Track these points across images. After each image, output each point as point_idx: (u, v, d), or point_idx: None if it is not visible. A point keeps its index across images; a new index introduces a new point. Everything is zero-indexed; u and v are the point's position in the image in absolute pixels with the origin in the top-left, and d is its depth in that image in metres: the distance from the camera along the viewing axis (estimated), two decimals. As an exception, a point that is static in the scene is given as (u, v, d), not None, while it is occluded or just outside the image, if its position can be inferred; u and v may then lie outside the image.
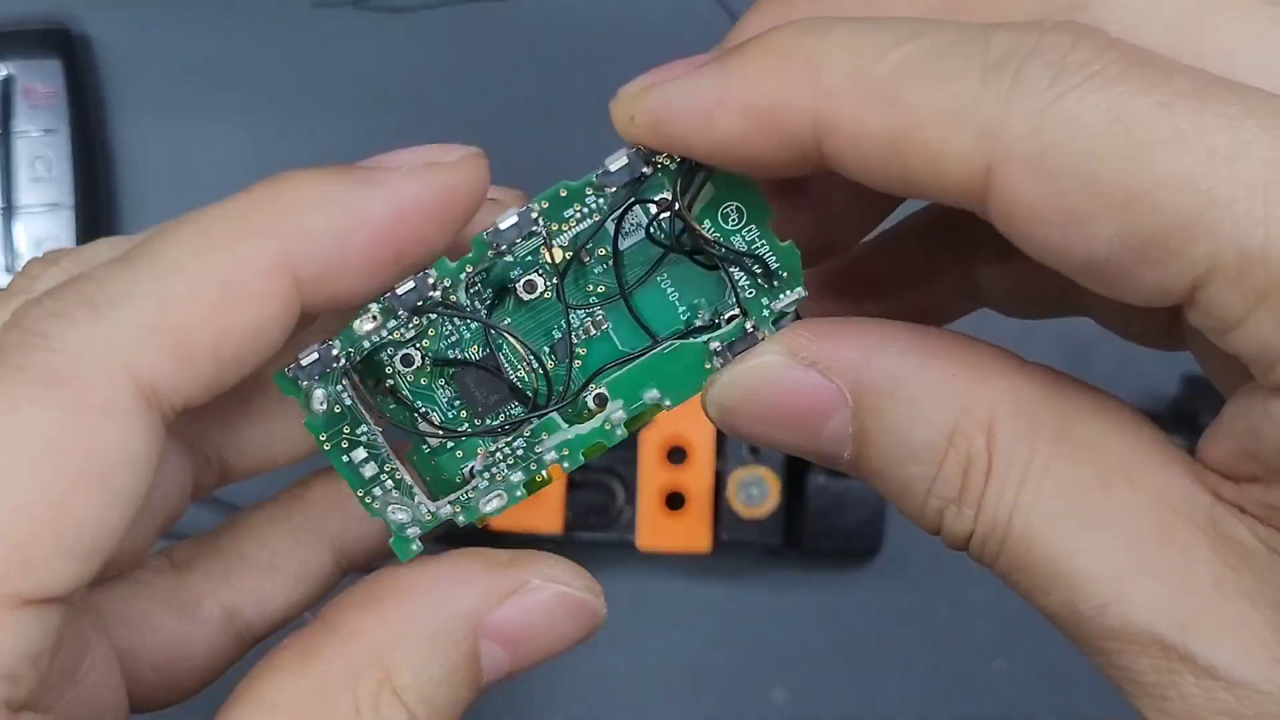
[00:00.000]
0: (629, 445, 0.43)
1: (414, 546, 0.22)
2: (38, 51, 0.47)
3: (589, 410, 0.22)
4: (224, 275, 0.19)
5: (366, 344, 0.22)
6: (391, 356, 0.22)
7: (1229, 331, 0.17)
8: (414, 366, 0.22)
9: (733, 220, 0.21)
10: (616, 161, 0.21)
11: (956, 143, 0.17)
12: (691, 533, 0.43)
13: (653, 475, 0.43)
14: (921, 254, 0.26)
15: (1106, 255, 0.17)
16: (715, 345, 0.21)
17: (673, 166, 0.21)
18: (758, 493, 0.42)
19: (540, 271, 0.22)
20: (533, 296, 0.22)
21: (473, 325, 0.22)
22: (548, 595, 0.21)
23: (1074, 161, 0.17)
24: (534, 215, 0.22)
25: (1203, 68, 0.17)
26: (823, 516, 0.43)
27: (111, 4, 0.50)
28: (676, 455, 0.43)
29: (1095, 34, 0.17)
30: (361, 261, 0.20)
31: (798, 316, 0.22)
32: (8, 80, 0.47)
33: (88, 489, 0.18)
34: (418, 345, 0.22)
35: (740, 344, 0.21)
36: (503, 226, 0.22)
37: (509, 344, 0.22)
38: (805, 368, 0.20)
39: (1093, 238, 0.17)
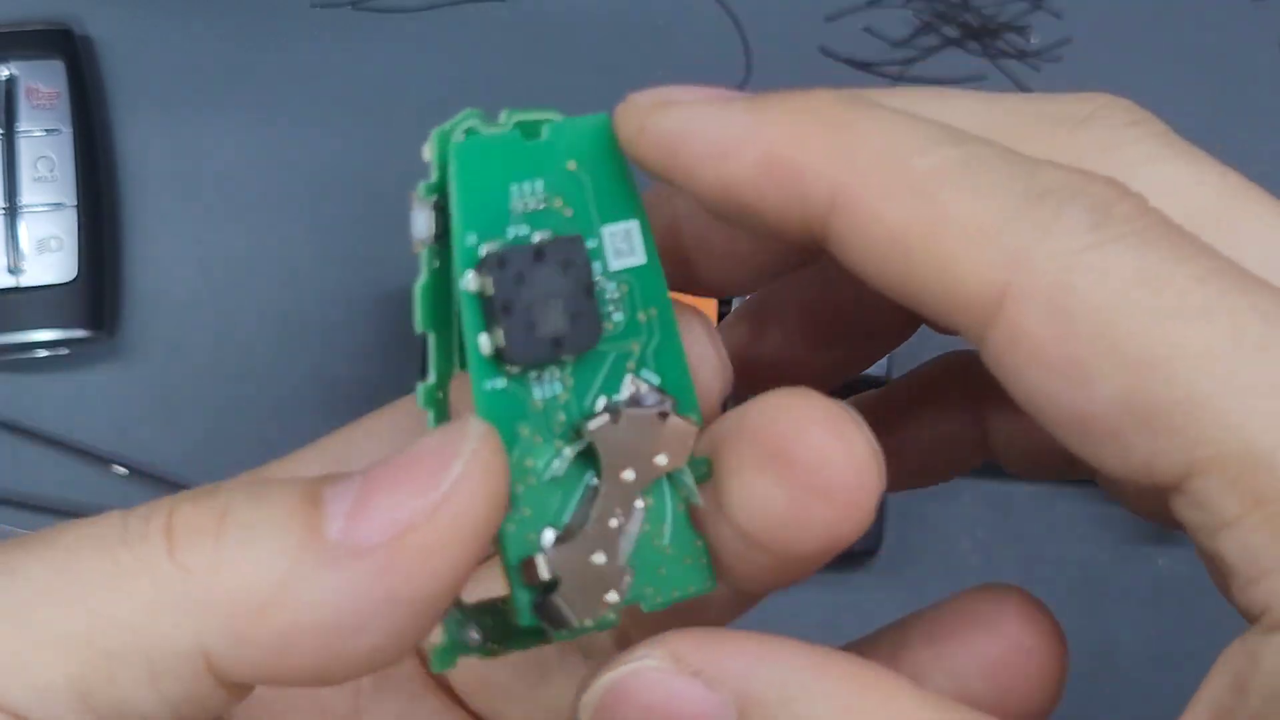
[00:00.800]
0: None
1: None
2: (41, 52, 0.47)
3: None
4: None
5: None
6: None
7: (1216, 531, 0.16)
8: None
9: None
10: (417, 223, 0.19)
11: (979, 258, 0.17)
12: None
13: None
14: (933, 399, 0.25)
15: (1103, 415, 0.16)
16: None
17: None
18: None
19: None
20: None
21: None
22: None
23: (1095, 311, 0.16)
24: None
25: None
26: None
27: (114, 4, 0.50)
28: None
29: (1140, 196, 0.17)
30: None
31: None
32: (11, 80, 0.47)
33: None
34: None
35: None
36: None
37: None
38: (688, 677, 0.18)
39: (1093, 393, 0.16)
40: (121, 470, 0.48)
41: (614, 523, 0.19)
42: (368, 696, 0.23)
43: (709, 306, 0.43)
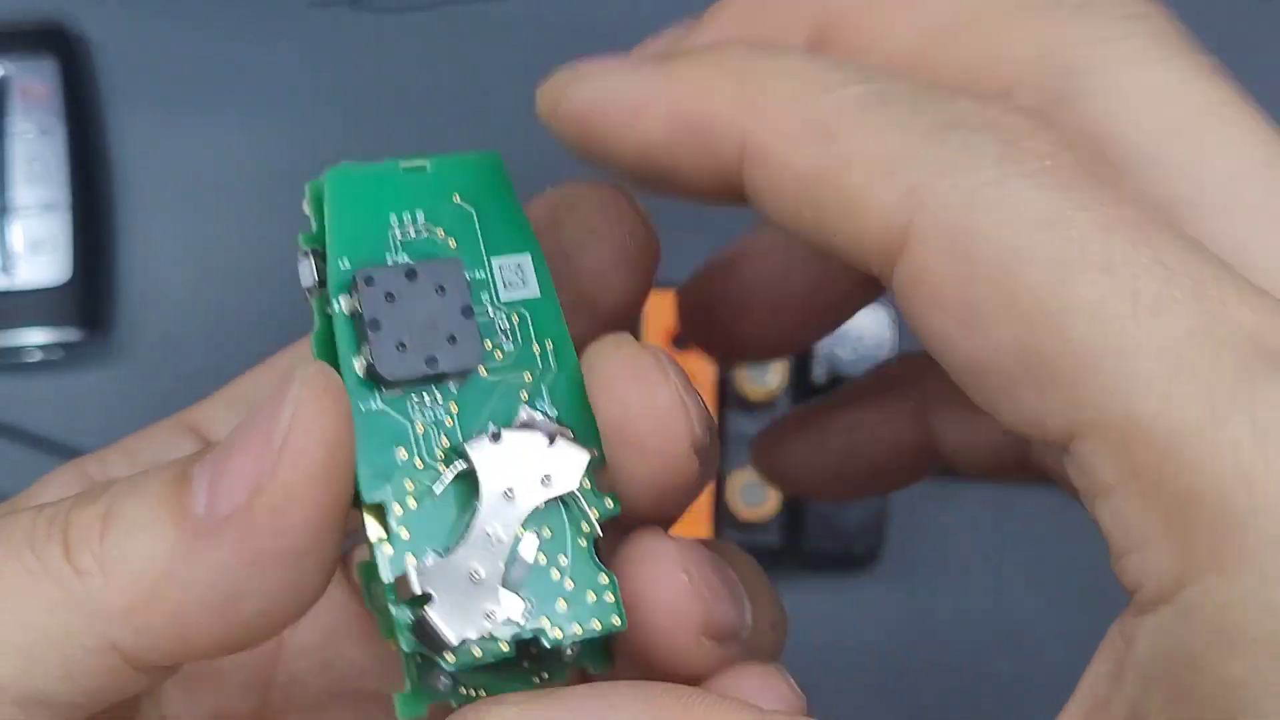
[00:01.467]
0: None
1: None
2: (33, 51, 0.47)
3: None
4: None
5: None
6: None
7: (1095, 498, 0.16)
8: None
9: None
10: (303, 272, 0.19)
11: (880, 194, 0.16)
12: (690, 535, 0.43)
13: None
14: (877, 404, 0.25)
15: (995, 363, 0.16)
16: None
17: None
18: (758, 495, 0.42)
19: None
20: None
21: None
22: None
23: (995, 253, 0.15)
24: None
25: (1198, 187, 0.17)
26: (823, 520, 0.43)
27: (107, 3, 0.50)
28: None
29: (1059, 131, 0.16)
30: None
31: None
32: (3, 80, 0.47)
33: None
34: None
35: None
36: None
37: None
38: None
39: (987, 339, 0.16)
40: (115, 473, 0.47)
41: (494, 539, 0.18)
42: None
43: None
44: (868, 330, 0.44)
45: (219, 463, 0.17)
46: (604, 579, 0.18)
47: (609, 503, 0.19)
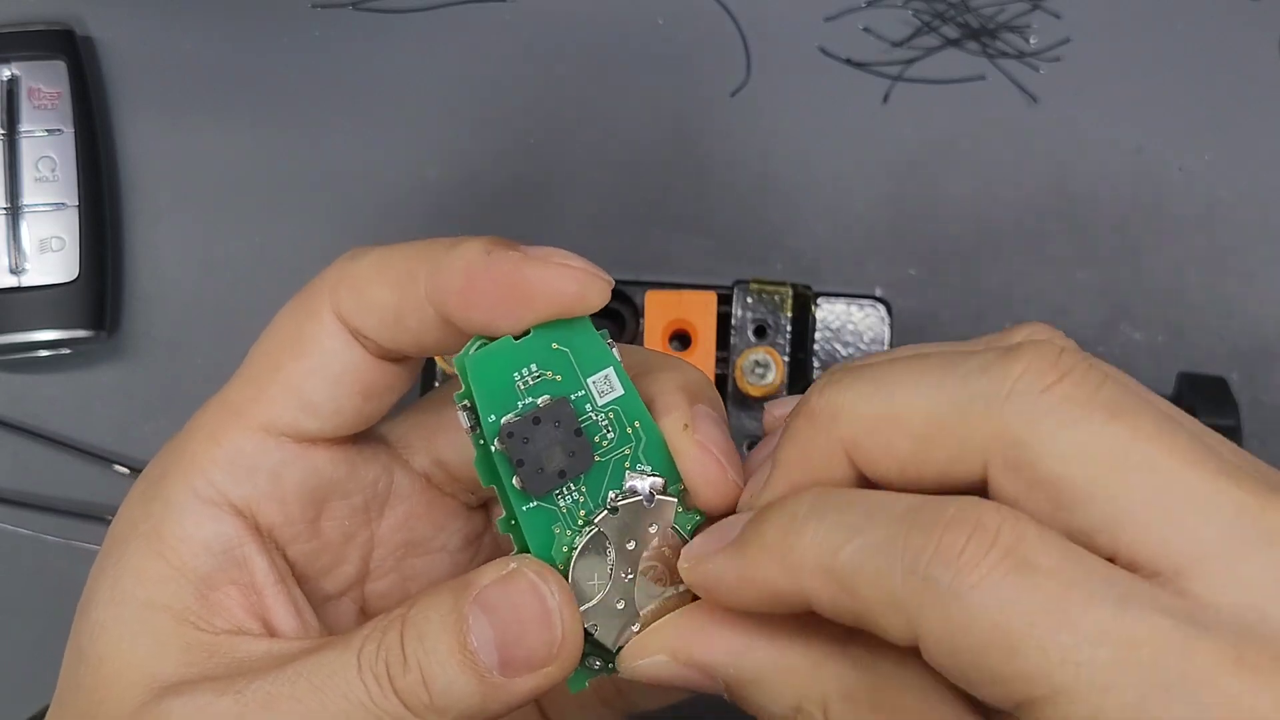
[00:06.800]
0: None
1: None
2: (42, 53, 0.48)
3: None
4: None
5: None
6: None
7: None
8: None
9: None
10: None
11: (896, 624, 0.23)
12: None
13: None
14: None
15: (992, 700, 0.23)
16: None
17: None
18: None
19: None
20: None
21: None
22: (523, 581, 0.27)
23: (969, 652, 0.22)
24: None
25: (1123, 508, 0.23)
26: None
27: (115, 5, 0.50)
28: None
29: (984, 532, 0.22)
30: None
31: None
32: (13, 81, 0.47)
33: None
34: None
35: None
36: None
37: None
38: (688, 667, 0.27)
39: (984, 693, 0.23)
40: (123, 470, 0.48)
41: (626, 580, 0.28)
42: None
43: (709, 302, 0.44)
44: (865, 326, 0.45)
45: (507, 643, 0.27)
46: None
47: (696, 515, 0.29)
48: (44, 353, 0.47)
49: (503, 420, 0.27)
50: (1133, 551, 0.22)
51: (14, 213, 0.47)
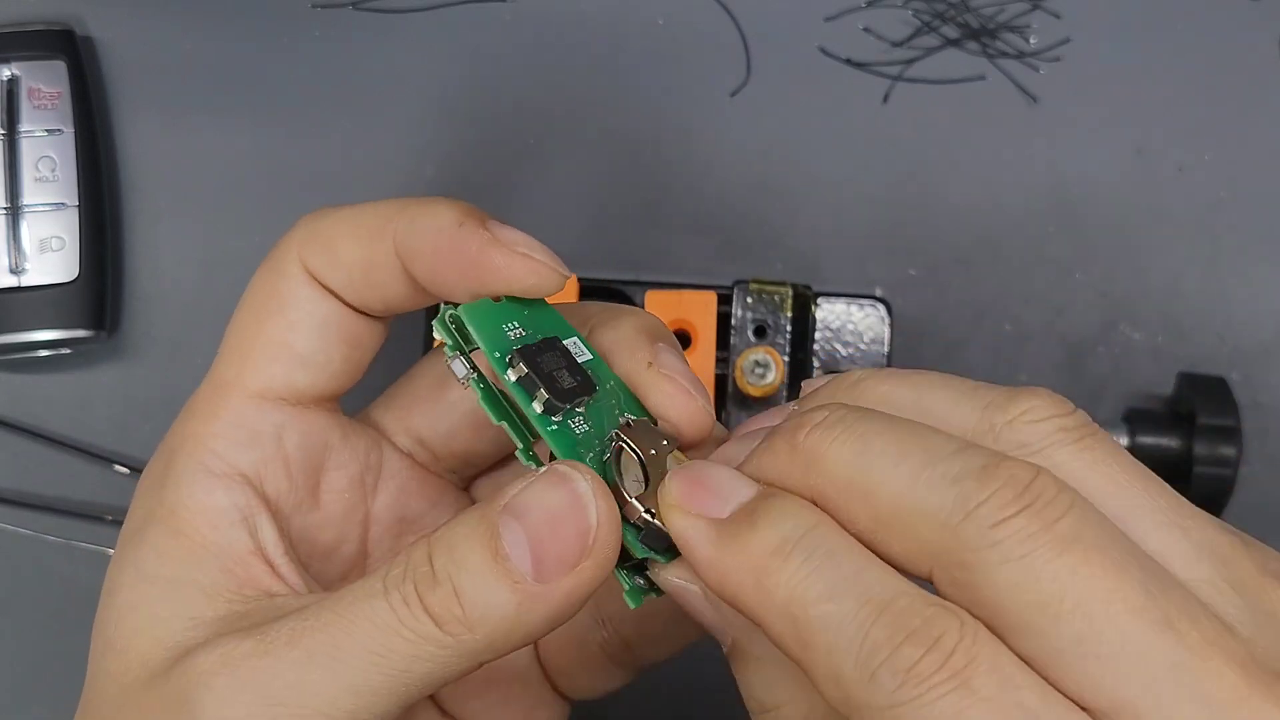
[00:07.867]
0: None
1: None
2: (42, 52, 0.48)
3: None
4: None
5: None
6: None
7: None
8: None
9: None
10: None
11: (833, 697, 0.24)
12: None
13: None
14: None
15: None
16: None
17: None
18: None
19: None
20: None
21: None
22: (553, 475, 0.27)
23: None
24: None
25: (1052, 637, 0.23)
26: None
27: (115, 5, 0.50)
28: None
29: (939, 652, 0.23)
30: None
31: None
32: (13, 81, 0.47)
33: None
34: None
35: None
36: None
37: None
38: (714, 609, 0.27)
39: None
40: (123, 470, 0.48)
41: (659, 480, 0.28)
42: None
43: (709, 302, 0.44)
44: (865, 326, 0.45)
45: (540, 540, 0.26)
46: None
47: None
48: (44, 353, 0.47)
49: (512, 349, 0.28)
50: (1064, 687, 0.23)
51: (14, 213, 0.47)
